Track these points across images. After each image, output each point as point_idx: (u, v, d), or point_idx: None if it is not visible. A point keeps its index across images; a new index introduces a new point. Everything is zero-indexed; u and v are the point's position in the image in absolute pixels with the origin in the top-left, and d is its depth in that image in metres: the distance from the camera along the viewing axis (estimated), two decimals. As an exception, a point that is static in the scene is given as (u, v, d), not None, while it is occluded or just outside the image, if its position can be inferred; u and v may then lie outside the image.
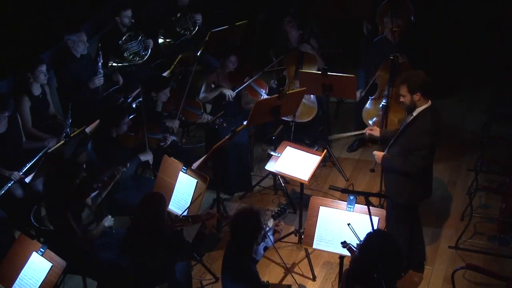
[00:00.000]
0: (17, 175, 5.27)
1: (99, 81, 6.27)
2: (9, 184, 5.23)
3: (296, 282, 5.24)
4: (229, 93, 6.36)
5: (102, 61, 6.30)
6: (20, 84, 5.75)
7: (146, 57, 6.79)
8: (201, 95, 6.48)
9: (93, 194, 4.95)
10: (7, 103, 5.30)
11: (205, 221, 4.55)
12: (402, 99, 4.78)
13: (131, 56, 6.70)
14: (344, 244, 4.23)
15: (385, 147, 5.01)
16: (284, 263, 5.36)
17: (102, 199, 4.95)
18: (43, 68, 5.72)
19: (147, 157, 5.50)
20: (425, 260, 5.31)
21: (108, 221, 4.79)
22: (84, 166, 4.94)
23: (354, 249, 4.14)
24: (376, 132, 5.21)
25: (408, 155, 4.71)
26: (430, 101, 4.72)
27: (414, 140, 4.70)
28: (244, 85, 6.43)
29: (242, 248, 4.13)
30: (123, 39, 6.61)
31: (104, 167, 5.14)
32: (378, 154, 4.95)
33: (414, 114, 4.74)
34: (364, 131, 5.33)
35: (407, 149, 4.73)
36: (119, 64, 6.54)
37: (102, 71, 6.27)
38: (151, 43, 6.81)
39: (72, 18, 6.76)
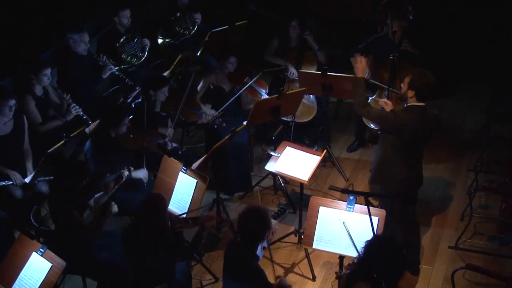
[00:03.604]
0: (18, 179, 5.28)
1: (109, 69, 6.33)
2: (5, 183, 5.23)
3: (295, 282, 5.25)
4: (209, 113, 6.28)
5: (105, 58, 6.36)
6: (22, 85, 5.77)
7: (144, 58, 6.78)
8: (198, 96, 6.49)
9: (96, 196, 4.95)
10: (9, 92, 5.32)
11: (205, 223, 4.55)
12: (402, 85, 4.88)
13: (128, 58, 6.70)
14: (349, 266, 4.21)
15: None
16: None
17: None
18: (48, 71, 5.74)
19: (140, 174, 5.38)
20: (420, 263, 5.30)
21: (114, 207, 4.79)
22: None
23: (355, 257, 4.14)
24: (389, 106, 5.18)
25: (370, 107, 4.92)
26: (423, 103, 4.74)
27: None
28: (239, 93, 6.40)
29: (248, 246, 4.15)
30: (121, 41, 6.61)
31: (105, 168, 5.15)
32: (361, 65, 5.04)
33: (405, 106, 4.83)
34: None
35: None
36: (116, 68, 6.52)
37: (109, 63, 6.33)
38: (147, 42, 6.81)
39: (73, 18, 6.76)
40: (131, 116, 5.69)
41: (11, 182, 5.28)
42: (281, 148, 5.52)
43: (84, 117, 5.83)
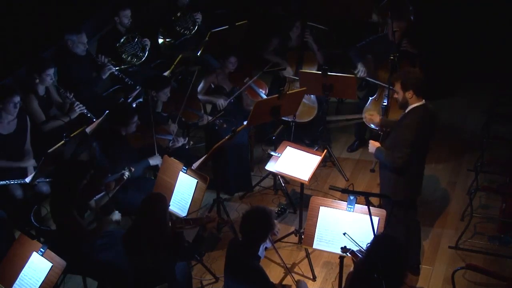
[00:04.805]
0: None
1: (109, 69, 6.36)
2: (13, 182, 5.26)
3: (296, 282, 5.24)
4: (220, 103, 6.36)
5: (103, 57, 6.36)
6: (25, 84, 5.77)
7: (144, 58, 6.78)
8: (199, 95, 6.49)
9: (97, 196, 4.95)
10: (14, 89, 5.35)
11: (206, 224, 4.55)
12: (395, 95, 4.85)
13: (129, 58, 6.70)
14: (344, 250, 4.23)
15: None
16: (284, 263, 5.36)
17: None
18: (51, 71, 5.76)
19: (157, 161, 5.52)
20: (420, 263, 5.30)
21: (116, 215, 4.79)
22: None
23: (357, 253, 4.14)
24: (376, 118, 5.21)
25: (392, 150, 4.75)
26: (423, 100, 4.74)
27: (398, 136, 4.76)
28: (240, 91, 6.42)
29: (250, 246, 4.15)
30: (121, 41, 6.61)
31: (110, 168, 5.15)
32: (374, 144, 4.98)
33: (406, 111, 4.79)
34: (362, 116, 5.32)
35: (392, 145, 4.78)
36: (116, 68, 6.52)
37: (108, 63, 6.36)
38: (148, 42, 6.81)
39: (72, 18, 6.76)
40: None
41: (14, 182, 5.29)
42: (282, 148, 5.52)
43: (88, 114, 5.86)
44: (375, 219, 4.37)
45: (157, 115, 5.99)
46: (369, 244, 3.74)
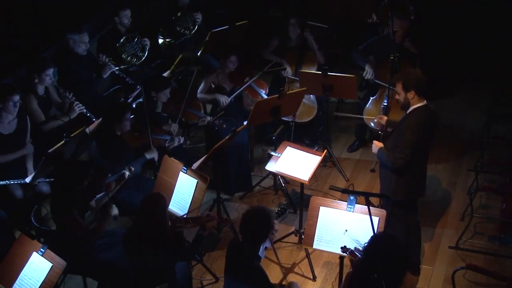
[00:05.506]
0: None
1: (110, 68, 6.37)
2: (13, 182, 5.26)
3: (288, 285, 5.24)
4: (223, 99, 6.37)
5: (104, 57, 6.38)
6: (25, 84, 5.78)
7: (144, 58, 6.78)
8: (199, 95, 6.49)
9: (98, 196, 4.95)
10: (14, 88, 5.36)
11: (205, 223, 4.55)
12: (397, 96, 4.84)
13: (128, 58, 6.70)
14: (344, 249, 4.23)
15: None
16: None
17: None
18: (50, 71, 5.77)
19: (153, 154, 5.53)
20: (420, 263, 5.30)
21: (114, 210, 4.79)
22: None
23: (356, 253, 4.14)
24: (383, 121, 5.28)
25: (392, 151, 4.76)
26: (425, 100, 4.74)
27: (399, 136, 4.76)
28: (241, 89, 6.44)
29: (251, 246, 4.15)
30: (121, 41, 6.61)
31: (110, 168, 5.15)
32: (377, 144, 4.98)
33: (408, 112, 4.79)
34: (373, 118, 5.34)
35: (394, 145, 4.78)
36: (116, 68, 6.52)
37: (109, 62, 6.37)
38: (147, 42, 6.81)
39: (72, 18, 6.76)
40: (133, 116, 5.71)
41: (14, 182, 5.29)
42: (282, 148, 5.52)
43: (88, 114, 5.86)
44: (375, 219, 4.37)
45: (157, 116, 6.00)
46: (366, 244, 3.74)
